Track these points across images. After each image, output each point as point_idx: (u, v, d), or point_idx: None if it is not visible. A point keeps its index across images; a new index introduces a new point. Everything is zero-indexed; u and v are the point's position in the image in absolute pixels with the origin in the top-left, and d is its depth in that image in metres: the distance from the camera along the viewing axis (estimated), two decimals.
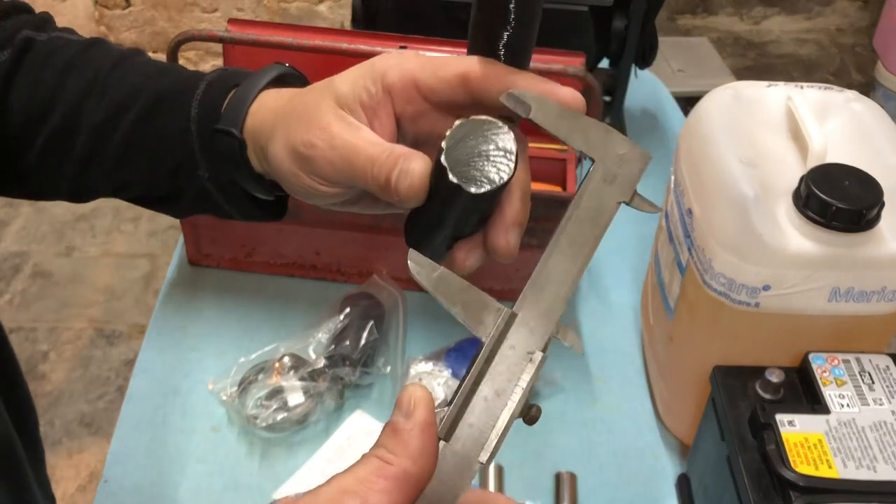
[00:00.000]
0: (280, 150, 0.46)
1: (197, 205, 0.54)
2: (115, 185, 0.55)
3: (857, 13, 2.27)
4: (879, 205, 0.62)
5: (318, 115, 0.45)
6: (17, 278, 2.04)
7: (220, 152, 0.50)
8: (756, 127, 0.71)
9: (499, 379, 0.35)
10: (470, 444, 0.34)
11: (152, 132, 0.52)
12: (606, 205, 0.38)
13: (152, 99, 0.52)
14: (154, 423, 0.78)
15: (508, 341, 0.36)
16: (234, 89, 0.50)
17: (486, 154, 0.38)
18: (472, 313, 0.36)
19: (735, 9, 2.27)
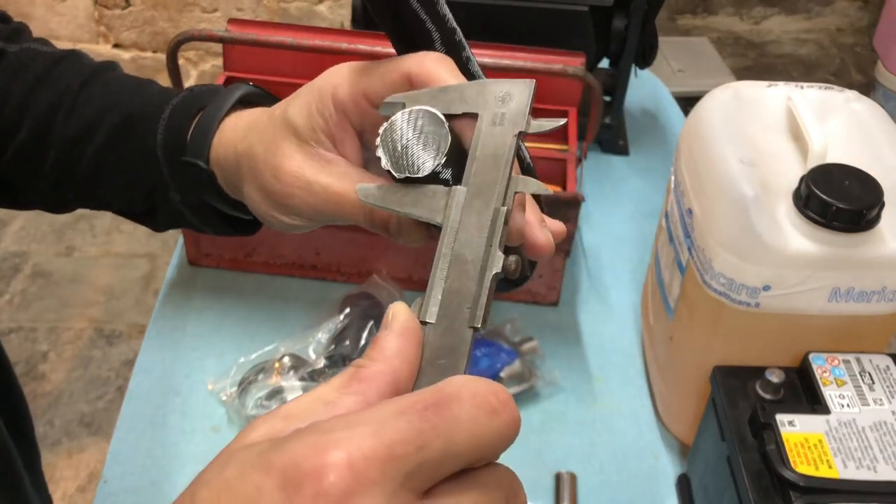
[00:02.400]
0: (254, 195, 0.46)
1: (172, 222, 0.54)
2: (91, 200, 0.55)
3: (857, 13, 2.27)
4: (879, 205, 0.62)
5: (283, 161, 0.44)
6: (16, 278, 2.04)
7: (189, 179, 0.50)
8: (756, 127, 0.71)
9: (469, 247, 0.34)
10: (456, 316, 0.33)
11: (121, 154, 0.52)
12: (502, 143, 0.37)
13: (120, 120, 0.51)
14: (154, 424, 0.78)
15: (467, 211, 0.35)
16: (199, 114, 0.50)
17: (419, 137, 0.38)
18: (425, 206, 0.36)
19: (735, 9, 2.27)
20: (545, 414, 0.81)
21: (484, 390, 0.28)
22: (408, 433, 0.26)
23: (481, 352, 0.80)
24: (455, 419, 0.26)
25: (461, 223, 0.35)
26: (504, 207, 0.35)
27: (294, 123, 0.44)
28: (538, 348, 0.83)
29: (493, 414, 0.27)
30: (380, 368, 0.30)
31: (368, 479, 0.25)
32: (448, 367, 0.32)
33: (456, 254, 0.34)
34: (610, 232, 1.00)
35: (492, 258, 0.34)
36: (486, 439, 0.27)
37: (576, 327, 0.89)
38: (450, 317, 0.33)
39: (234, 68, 0.93)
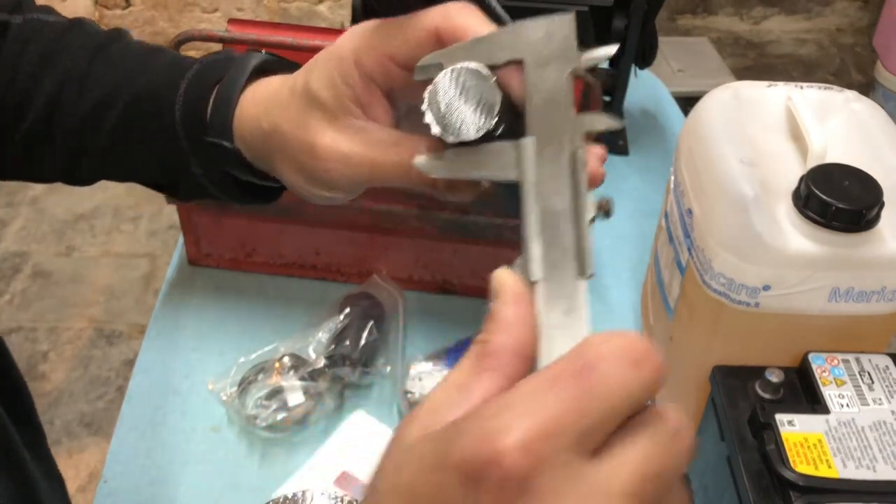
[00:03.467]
0: (289, 172, 0.45)
1: (196, 194, 0.53)
2: (110, 175, 0.54)
3: (856, 13, 2.27)
4: (879, 205, 0.62)
5: (315, 137, 0.42)
6: (17, 278, 2.04)
7: (213, 157, 0.49)
8: (756, 127, 0.72)
9: (555, 197, 0.33)
10: (564, 270, 0.32)
11: (137, 132, 0.51)
12: (557, 84, 0.35)
13: (133, 98, 0.50)
14: (154, 423, 0.78)
15: (541, 160, 0.34)
16: (216, 87, 0.48)
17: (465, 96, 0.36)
18: (495, 166, 0.35)
19: (735, 9, 2.27)
20: None
21: (623, 344, 0.27)
22: (567, 404, 0.26)
23: None
24: (605, 380, 0.26)
25: (539, 175, 0.34)
26: (580, 149, 0.34)
27: (318, 97, 0.42)
28: None
29: (637, 365, 0.27)
30: (504, 340, 0.30)
31: (543, 456, 0.25)
32: (570, 323, 0.31)
33: (544, 207, 0.33)
34: (610, 231, 1.00)
35: (582, 203, 0.33)
36: (637, 391, 0.27)
37: None
38: (557, 272, 0.32)
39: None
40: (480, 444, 0.25)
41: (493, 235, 0.84)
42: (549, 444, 0.25)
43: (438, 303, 0.90)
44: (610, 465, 0.26)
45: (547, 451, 0.25)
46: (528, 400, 0.26)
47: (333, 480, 0.72)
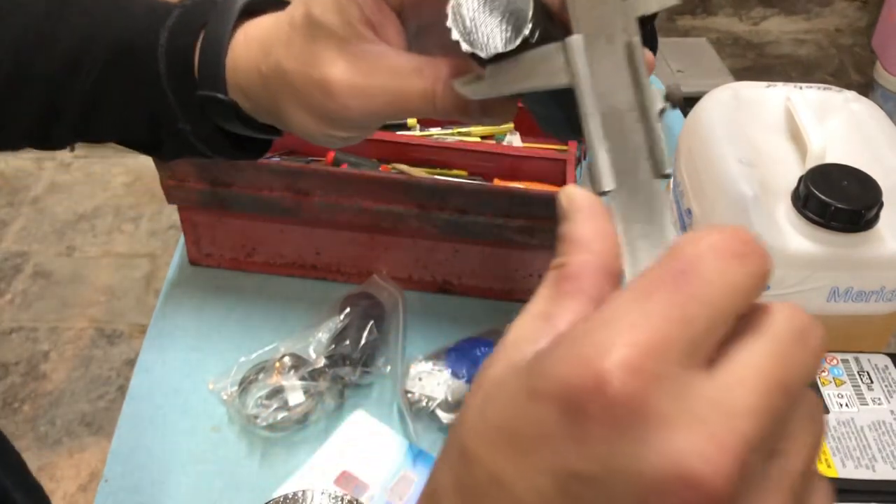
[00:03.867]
0: (300, 116, 0.41)
1: (181, 152, 0.49)
2: (83, 137, 0.50)
3: (855, 13, 2.28)
4: (878, 205, 0.62)
5: (327, 72, 0.38)
6: (17, 278, 2.05)
7: (204, 112, 0.45)
8: (755, 127, 0.72)
9: (616, 95, 0.30)
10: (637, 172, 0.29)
11: (117, 89, 0.46)
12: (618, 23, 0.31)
13: (109, 52, 0.45)
14: (155, 423, 0.79)
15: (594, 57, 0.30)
16: (202, 34, 0.44)
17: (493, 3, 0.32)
18: (542, 74, 0.31)
19: (734, 9, 2.27)
20: None
21: (721, 239, 0.24)
22: (670, 312, 0.22)
23: (481, 351, 0.80)
24: (707, 280, 0.23)
25: (593, 74, 0.30)
26: (635, 37, 0.30)
27: (325, 24, 0.38)
28: None
29: (741, 259, 0.23)
30: (584, 258, 0.26)
31: (653, 374, 0.22)
32: (654, 230, 0.28)
33: (605, 108, 0.30)
34: None
35: (647, 95, 0.30)
36: (744, 287, 0.23)
37: None
38: (630, 176, 0.29)
39: None
40: (579, 369, 0.22)
41: (493, 235, 0.84)
42: (657, 360, 0.22)
43: (438, 303, 0.90)
44: (728, 378, 0.22)
45: (656, 368, 0.22)
46: (625, 314, 0.23)
47: (333, 480, 0.73)
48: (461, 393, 0.78)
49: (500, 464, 0.23)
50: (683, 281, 0.23)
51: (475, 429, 0.24)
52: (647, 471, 0.21)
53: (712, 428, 0.21)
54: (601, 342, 0.22)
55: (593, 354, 0.22)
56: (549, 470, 0.22)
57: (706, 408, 0.22)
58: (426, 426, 0.78)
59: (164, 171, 0.83)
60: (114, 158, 2.29)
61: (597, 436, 0.22)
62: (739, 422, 0.21)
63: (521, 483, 0.23)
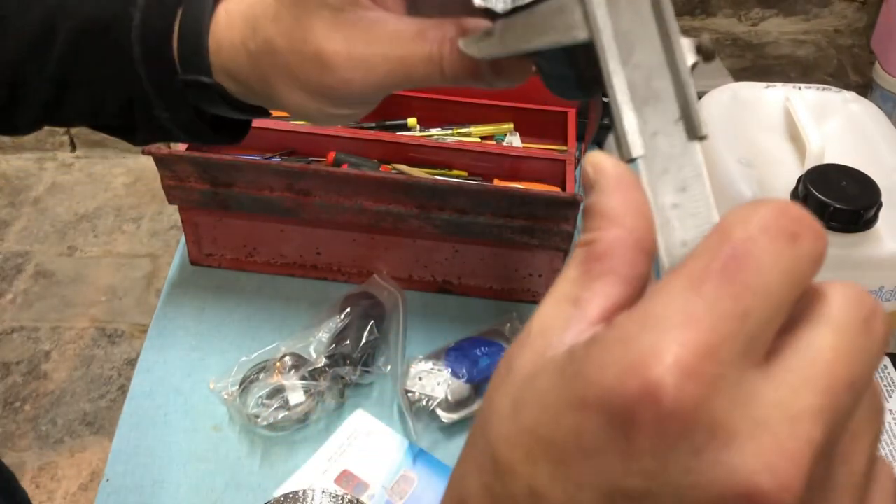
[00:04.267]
0: (296, 95, 0.38)
1: (154, 138, 0.46)
2: (52, 120, 0.47)
3: (854, 14, 2.28)
4: (877, 205, 0.62)
5: (323, 45, 0.35)
6: (19, 278, 2.05)
7: (185, 96, 0.42)
8: (754, 128, 0.72)
9: (642, 49, 0.27)
10: (669, 135, 0.26)
11: (84, 73, 0.43)
12: None
13: (74, 35, 0.42)
14: (155, 422, 0.79)
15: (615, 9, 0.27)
16: (178, 15, 0.41)
17: None
18: (559, 28, 0.28)
19: (733, 10, 2.27)
20: None
21: (772, 216, 0.21)
22: (723, 306, 0.20)
23: (481, 351, 0.81)
24: (762, 266, 0.21)
25: (616, 27, 0.27)
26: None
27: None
28: None
29: (795, 239, 0.21)
30: (615, 234, 0.23)
31: (709, 379, 0.19)
32: (690, 200, 0.25)
33: (630, 65, 0.27)
34: None
35: (678, 48, 0.27)
36: (801, 272, 0.21)
37: None
38: (661, 140, 0.26)
39: None
40: (627, 374, 0.19)
41: (493, 235, 0.84)
42: (714, 362, 0.19)
43: (438, 303, 0.90)
44: (790, 378, 0.20)
45: (712, 371, 0.19)
46: (675, 309, 0.20)
47: (334, 479, 0.73)
48: (461, 392, 0.78)
49: (539, 478, 0.21)
50: (735, 268, 0.20)
51: (508, 435, 0.22)
52: (706, 486, 0.19)
53: (778, 436, 0.19)
54: (651, 344, 0.20)
55: (643, 358, 0.19)
56: (594, 486, 0.20)
57: (769, 413, 0.20)
58: (426, 425, 0.78)
59: (165, 172, 0.83)
60: (115, 159, 2.30)
61: (648, 449, 0.19)
62: (806, 427, 0.19)
63: (563, 499, 0.21)
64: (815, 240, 0.22)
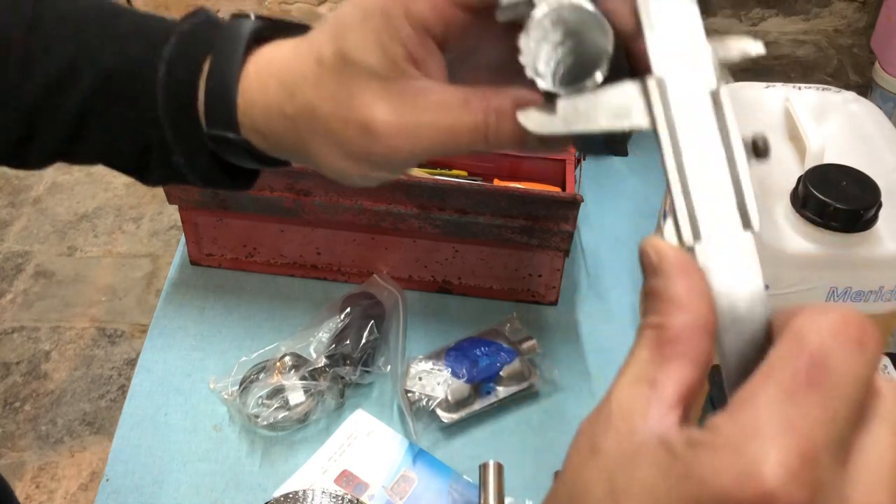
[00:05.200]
0: (334, 158, 0.39)
1: (168, 181, 0.47)
2: (65, 159, 0.47)
3: (854, 14, 2.28)
4: (877, 205, 0.62)
5: (370, 113, 0.36)
6: (19, 278, 2.05)
7: (205, 147, 0.42)
8: (754, 128, 0.72)
9: (701, 143, 0.28)
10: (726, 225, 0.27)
11: (104, 119, 0.43)
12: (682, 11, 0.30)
13: (98, 80, 0.42)
14: (156, 422, 0.79)
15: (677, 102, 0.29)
16: (205, 66, 0.41)
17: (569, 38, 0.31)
18: (620, 113, 0.30)
19: (733, 10, 2.27)
20: (545, 413, 0.81)
21: (841, 323, 0.24)
22: (815, 413, 0.22)
23: (481, 351, 0.81)
24: (840, 374, 0.23)
25: (677, 118, 0.29)
26: (721, 83, 0.29)
27: (365, 63, 0.36)
28: (537, 347, 0.83)
29: (863, 346, 0.24)
30: (685, 319, 0.26)
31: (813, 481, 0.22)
32: (743, 285, 0.27)
33: (689, 156, 0.28)
34: (609, 232, 1.00)
35: (736, 142, 0.28)
36: (869, 373, 0.24)
37: (575, 327, 0.89)
38: (717, 229, 0.28)
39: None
40: (743, 480, 0.22)
41: (493, 235, 0.84)
42: (815, 467, 0.22)
43: (438, 303, 0.90)
44: (866, 476, 0.23)
45: (815, 475, 0.22)
46: (773, 418, 0.22)
47: (334, 479, 0.73)
48: (461, 392, 0.78)
49: None
50: (818, 377, 0.23)
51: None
52: None
53: None
54: (760, 452, 0.22)
55: (755, 465, 0.22)
56: None
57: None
58: (426, 425, 0.78)
59: None
60: None
61: None
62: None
63: None
64: (876, 346, 0.24)
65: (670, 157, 0.28)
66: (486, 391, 0.80)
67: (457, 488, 0.73)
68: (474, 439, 0.78)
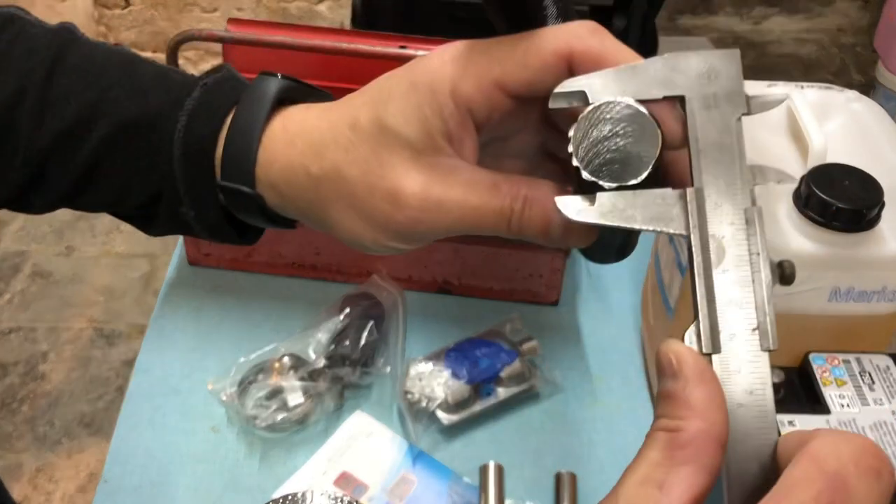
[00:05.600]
0: (354, 224, 0.39)
1: (171, 231, 0.47)
2: (70, 205, 0.47)
3: (857, 13, 2.27)
4: (880, 205, 0.62)
5: (400, 183, 0.36)
6: (16, 278, 2.04)
7: (216, 200, 0.42)
8: (756, 127, 0.71)
9: (731, 259, 0.30)
10: (743, 342, 0.29)
11: (116, 168, 0.43)
12: (725, 130, 0.32)
13: (114, 129, 0.42)
14: (154, 424, 0.78)
15: (713, 215, 0.30)
16: (227, 120, 0.41)
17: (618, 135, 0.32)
18: (659, 217, 0.31)
19: (735, 9, 2.27)
20: (545, 414, 0.81)
21: (860, 452, 0.26)
22: None
23: (481, 352, 0.80)
24: (858, 499, 0.25)
25: (711, 232, 0.30)
26: (755, 206, 0.31)
27: (402, 134, 0.36)
28: (538, 348, 0.83)
29: (880, 476, 0.25)
30: (700, 426, 0.26)
31: None
32: (758, 406, 0.28)
33: (719, 267, 0.30)
34: None
35: (764, 264, 0.30)
36: (884, 502, 0.26)
37: (576, 327, 0.89)
38: (735, 343, 0.29)
39: (234, 68, 0.93)
40: None
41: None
42: None
43: (438, 303, 0.90)
44: None
45: None
46: None
47: (333, 481, 0.72)
48: (461, 394, 0.77)
49: None
50: (839, 501, 0.24)
51: None
52: None
53: None
54: None
55: None
56: None
57: None
58: (426, 427, 0.77)
59: None
60: None
61: None
62: None
63: None
64: (891, 476, 0.26)
65: (700, 267, 0.30)
66: (487, 392, 0.79)
67: (457, 490, 0.73)
68: (474, 441, 0.78)
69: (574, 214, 0.32)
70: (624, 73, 0.33)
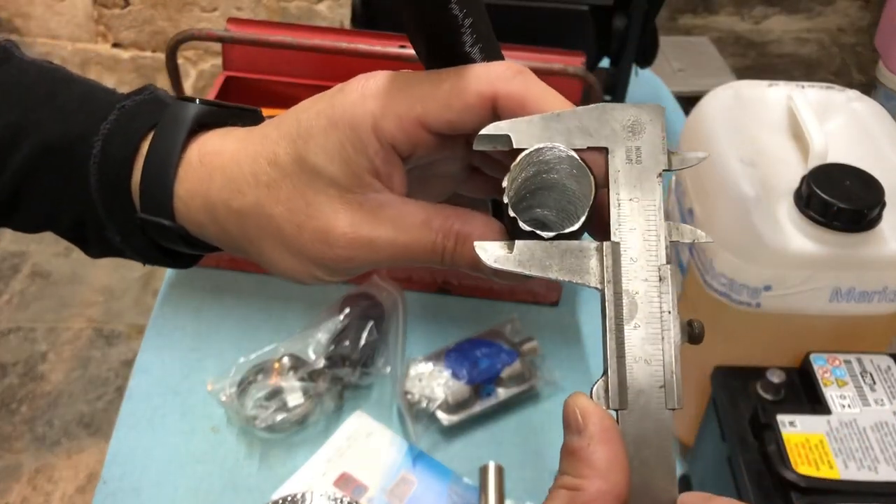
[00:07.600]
0: (286, 260, 0.38)
1: (107, 253, 0.45)
2: (6, 226, 0.45)
3: (857, 13, 2.27)
4: (880, 205, 0.62)
5: (328, 222, 0.35)
6: (15, 278, 2.04)
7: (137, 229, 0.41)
8: (757, 127, 0.71)
9: (642, 314, 0.30)
10: (649, 399, 0.29)
11: (38, 191, 0.42)
12: (649, 183, 0.32)
13: (34, 151, 0.41)
14: (153, 424, 0.78)
15: (627, 271, 0.30)
16: (142, 146, 0.39)
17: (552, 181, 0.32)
18: (575, 269, 0.31)
19: (736, 8, 2.27)
20: (545, 414, 0.81)
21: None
22: None
23: (481, 352, 0.80)
24: None
25: (625, 287, 0.30)
26: (669, 265, 0.31)
27: (326, 172, 0.35)
28: (538, 348, 0.82)
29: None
30: (602, 487, 0.27)
31: None
32: (657, 463, 0.29)
33: (631, 322, 0.30)
34: None
35: (673, 325, 0.30)
36: None
37: (576, 327, 0.89)
38: (642, 400, 0.29)
39: (234, 68, 0.93)
40: None
41: None
42: None
43: (438, 303, 0.90)
44: None
45: None
46: None
47: (333, 481, 0.72)
48: (461, 394, 0.77)
49: None
50: None
51: None
52: None
53: None
54: None
55: None
56: None
57: None
58: (426, 427, 0.77)
59: None
60: None
61: None
62: None
63: None
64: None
65: (611, 322, 0.30)
66: (487, 393, 0.79)
67: (457, 490, 0.72)
68: (474, 441, 0.78)
69: (492, 262, 0.32)
70: (550, 119, 0.33)
